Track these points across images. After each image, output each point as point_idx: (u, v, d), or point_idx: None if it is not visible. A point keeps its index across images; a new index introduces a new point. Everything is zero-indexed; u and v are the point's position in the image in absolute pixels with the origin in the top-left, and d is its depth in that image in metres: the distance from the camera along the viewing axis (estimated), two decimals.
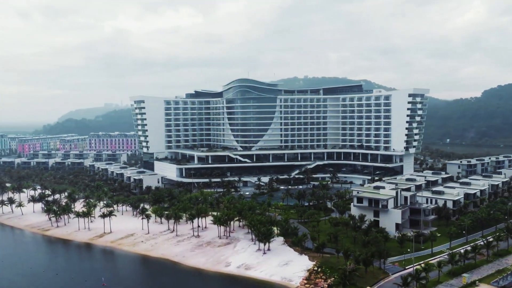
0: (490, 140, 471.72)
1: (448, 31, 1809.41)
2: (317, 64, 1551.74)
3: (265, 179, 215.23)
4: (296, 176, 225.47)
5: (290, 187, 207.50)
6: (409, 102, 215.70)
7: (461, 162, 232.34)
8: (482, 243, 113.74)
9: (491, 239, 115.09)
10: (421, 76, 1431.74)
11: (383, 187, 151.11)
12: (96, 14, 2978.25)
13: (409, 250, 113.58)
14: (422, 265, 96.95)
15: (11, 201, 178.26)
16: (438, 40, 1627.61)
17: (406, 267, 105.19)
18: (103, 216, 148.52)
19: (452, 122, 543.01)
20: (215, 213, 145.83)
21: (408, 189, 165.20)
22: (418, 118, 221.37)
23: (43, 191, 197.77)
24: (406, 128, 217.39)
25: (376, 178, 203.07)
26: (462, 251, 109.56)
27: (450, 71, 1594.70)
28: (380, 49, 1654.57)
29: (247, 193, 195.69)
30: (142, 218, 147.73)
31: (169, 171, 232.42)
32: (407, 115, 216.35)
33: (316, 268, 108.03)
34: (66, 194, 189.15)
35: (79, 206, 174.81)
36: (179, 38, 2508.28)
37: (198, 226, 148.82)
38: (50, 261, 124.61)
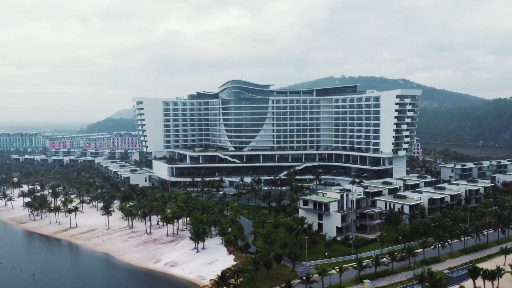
0: None
1: (511, 26, 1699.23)
2: (370, 62, 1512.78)
3: (248, 180, 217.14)
4: (283, 177, 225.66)
5: (274, 187, 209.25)
6: (397, 104, 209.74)
7: (454, 165, 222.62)
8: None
9: (417, 246, 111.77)
10: (482, 74, 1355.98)
11: (349, 190, 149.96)
12: (150, 16, 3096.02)
13: (326, 254, 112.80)
14: (320, 269, 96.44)
15: (4, 195, 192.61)
16: (501, 36, 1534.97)
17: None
18: (69, 211, 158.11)
19: (487, 123, 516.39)
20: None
21: (380, 193, 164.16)
22: (408, 120, 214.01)
23: (34, 187, 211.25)
24: (394, 130, 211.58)
25: (357, 180, 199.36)
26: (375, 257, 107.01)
27: None
28: (436, 46, 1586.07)
29: (227, 192, 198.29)
30: (103, 214, 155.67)
31: (163, 170, 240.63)
32: (395, 117, 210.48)
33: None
34: (52, 190, 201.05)
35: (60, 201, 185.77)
36: (229, 38, 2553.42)
37: (157, 223, 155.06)
38: (5, 252, 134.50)
